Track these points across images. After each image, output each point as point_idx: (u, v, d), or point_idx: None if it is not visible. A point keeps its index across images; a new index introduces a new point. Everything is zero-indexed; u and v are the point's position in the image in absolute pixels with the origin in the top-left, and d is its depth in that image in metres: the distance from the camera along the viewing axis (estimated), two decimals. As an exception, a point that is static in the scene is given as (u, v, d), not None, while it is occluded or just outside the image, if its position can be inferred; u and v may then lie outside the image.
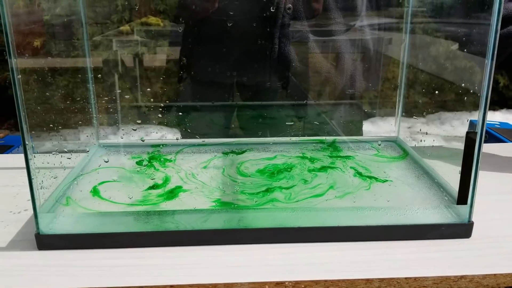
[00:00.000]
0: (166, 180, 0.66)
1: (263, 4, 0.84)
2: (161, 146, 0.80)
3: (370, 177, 0.69)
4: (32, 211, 0.58)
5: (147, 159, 0.75)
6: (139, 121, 0.82)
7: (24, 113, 0.55)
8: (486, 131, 1.42)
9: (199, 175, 0.69)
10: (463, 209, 0.60)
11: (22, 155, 0.55)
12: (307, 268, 0.55)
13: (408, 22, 0.82)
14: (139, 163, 0.74)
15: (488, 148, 0.92)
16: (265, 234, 0.59)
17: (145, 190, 0.64)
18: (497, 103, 3.75)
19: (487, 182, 0.75)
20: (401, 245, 0.59)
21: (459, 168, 0.59)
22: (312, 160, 0.76)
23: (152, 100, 0.92)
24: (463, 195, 0.60)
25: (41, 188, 0.58)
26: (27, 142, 0.54)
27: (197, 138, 0.84)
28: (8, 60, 0.52)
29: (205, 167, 0.71)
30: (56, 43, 0.84)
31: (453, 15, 0.76)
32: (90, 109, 0.82)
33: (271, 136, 0.86)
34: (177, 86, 0.96)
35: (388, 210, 0.60)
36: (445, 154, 0.74)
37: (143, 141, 0.80)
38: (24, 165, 0.55)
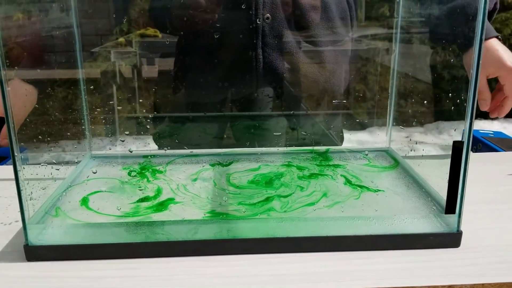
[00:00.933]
0: (158, 192, 0.67)
1: (242, 15, 0.86)
2: (149, 157, 0.80)
3: (361, 186, 0.70)
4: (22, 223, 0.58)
5: (138, 169, 0.75)
6: (127, 132, 0.83)
7: (13, 125, 0.55)
8: (480, 141, 1.42)
9: (191, 187, 0.70)
10: (452, 218, 0.60)
11: (10, 167, 0.55)
12: (296, 278, 0.55)
13: (398, 33, 0.83)
14: (130, 174, 0.74)
15: (480, 157, 0.93)
16: (254, 245, 0.59)
17: (135, 202, 0.64)
18: (495, 112, 3.76)
19: (478, 191, 0.75)
20: (390, 255, 0.59)
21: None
22: (299, 168, 0.77)
23: (144, 111, 0.93)
24: (451, 205, 0.60)
25: (30, 200, 0.58)
26: (16, 154, 0.55)
27: (185, 148, 0.84)
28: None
29: (195, 180, 0.71)
30: (50, 55, 0.85)
31: (440, 25, 0.77)
32: (83, 120, 0.83)
33: (263, 146, 0.87)
34: (170, 97, 0.96)
35: (377, 219, 0.60)
36: (436, 164, 0.74)
37: (131, 152, 0.81)
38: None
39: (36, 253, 0.57)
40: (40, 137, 0.73)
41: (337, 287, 0.53)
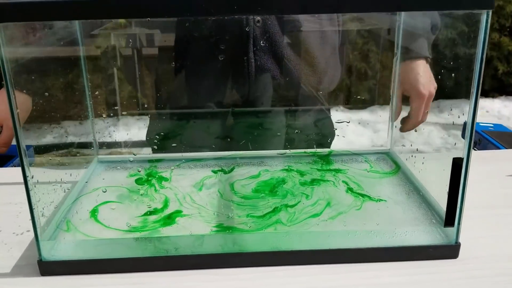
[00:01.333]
0: (166, 204, 0.68)
1: (232, 19, 0.86)
2: (154, 165, 0.82)
3: (363, 195, 0.71)
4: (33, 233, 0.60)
5: (145, 177, 0.77)
6: (134, 153, 0.84)
7: (21, 132, 0.55)
8: (479, 134, 1.43)
9: (196, 196, 0.71)
10: (451, 230, 0.62)
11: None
12: (300, 292, 0.57)
13: (400, 36, 0.83)
14: (138, 181, 0.76)
15: (478, 156, 0.94)
16: (260, 258, 0.61)
17: (143, 215, 0.66)
18: (497, 89, 3.75)
19: (476, 194, 0.76)
20: (390, 267, 0.61)
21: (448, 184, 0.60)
22: (300, 173, 0.78)
23: (148, 116, 0.94)
24: (450, 218, 0.61)
25: (42, 216, 0.60)
26: (27, 175, 0.56)
27: (189, 151, 0.86)
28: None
29: (200, 189, 0.73)
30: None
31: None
32: (89, 124, 0.84)
33: (262, 147, 0.88)
34: (166, 99, 0.98)
35: (378, 233, 0.62)
36: (436, 169, 0.75)
37: (131, 160, 0.82)
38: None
39: (49, 268, 0.60)
40: (44, 144, 0.74)
41: (340, 301, 0.56)
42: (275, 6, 0.49)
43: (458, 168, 0.59)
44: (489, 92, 3.75)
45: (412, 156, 0.78)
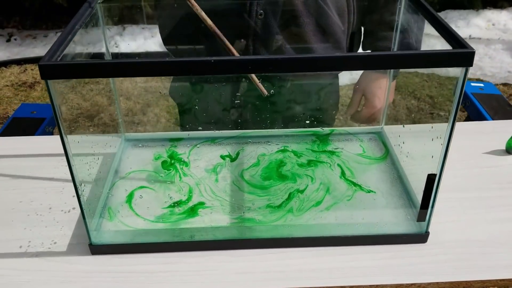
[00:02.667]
0: (190, 196, 0.82)
1: (236, 10, 0.89)
2: (174, 146, 0.93)
3: (355, 184, 0.84)
4: (79, 210, 0.73)
5: (168, 160, 0.89)
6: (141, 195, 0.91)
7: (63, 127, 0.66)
8: (467, 96, 1.51)
9: (214, 186, 0.84)
10: (422, 222, 0.76)
11: (58, 137, 0.65)
12: (295, 275, 0.72)
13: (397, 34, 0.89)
14: (163, 165, 0.89)
15: (459, 129, 1.03)
16: (268, 243, 0.76)
17: (169, 207, 0.80)
18: (507, -2, 3.67)
19: (452, 175, 0.86)
20: (369, 251, 0.75)
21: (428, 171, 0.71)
22: (296, 154, 0.90)
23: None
24: (423, 215, 0.75)
25: (88, 210, 0.74)
26: (78, 187, 0.68)
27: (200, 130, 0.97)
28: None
29: (216, 181, 0.85)
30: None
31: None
32: (115, 105, 0.94)
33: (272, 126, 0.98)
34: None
35: (363, 224, 0.77)
36: (420, 156, 0.85)
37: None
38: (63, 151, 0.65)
39: (98, 249, 0.75)
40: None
41: (327, 284, 0.71)
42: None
43: (431, 182, 0.71)
44: (498, 1, 3.67)
45: (401, 145, 0.90)
